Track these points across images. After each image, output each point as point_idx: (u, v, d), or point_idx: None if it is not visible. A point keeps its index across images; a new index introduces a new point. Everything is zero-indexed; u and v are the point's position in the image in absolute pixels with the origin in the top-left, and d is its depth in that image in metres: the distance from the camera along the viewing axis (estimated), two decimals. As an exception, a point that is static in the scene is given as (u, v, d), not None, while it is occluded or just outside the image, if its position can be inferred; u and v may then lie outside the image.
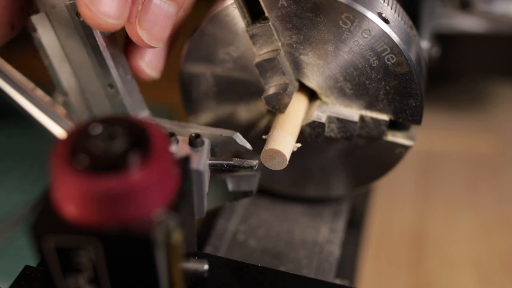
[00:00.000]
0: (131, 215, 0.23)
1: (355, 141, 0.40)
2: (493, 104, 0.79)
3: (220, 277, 0.32)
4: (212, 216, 0.44)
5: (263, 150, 0.35)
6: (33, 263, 0.32)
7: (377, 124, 0.38)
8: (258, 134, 0.41)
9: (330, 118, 0.38)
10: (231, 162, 0.33)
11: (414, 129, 0.39)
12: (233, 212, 0.45)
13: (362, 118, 0.38)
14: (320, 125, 0.38)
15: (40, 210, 0.24)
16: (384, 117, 0.38)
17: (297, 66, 0.37)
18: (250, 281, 0.31)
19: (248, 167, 0.33)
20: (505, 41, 0.65)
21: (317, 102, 0.39)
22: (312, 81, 0.38)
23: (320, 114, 0.38)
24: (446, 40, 0.57)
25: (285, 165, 0.35)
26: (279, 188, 0.45)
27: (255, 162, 0.33)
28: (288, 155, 0.35)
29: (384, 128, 0.38)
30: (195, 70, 0.40)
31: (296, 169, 0.43)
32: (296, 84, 0.38)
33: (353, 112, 0.38)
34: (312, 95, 0.39)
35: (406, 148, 0.39)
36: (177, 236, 0.24)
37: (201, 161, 0.30)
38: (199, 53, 0.39)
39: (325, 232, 0.43)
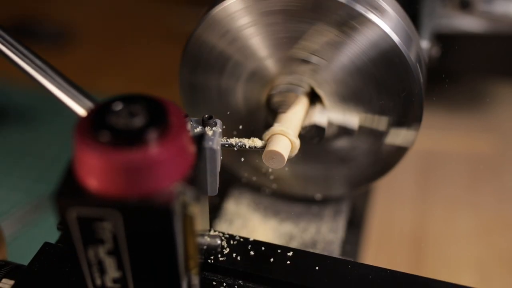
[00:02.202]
0: (151, 187, 0.23)
1: (355, 142, 0.40)
2: (493, 104, 0.79)
3: (232, 252, 0.33)
4: (212, 216, 0.44)
5: (264, 151, 0.35)
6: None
7: (376, 128, 0.38)
8: (258, 132, 0.41)
9: (330, 123, 0.39)
10: (243, 143, 0.35)
11: (415, 128, 0.39)
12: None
13: (362, 122, 0.38)
14: (321, 129, 0.38)
15: (64, 182, 0.24)
16: (384, 121, 0.38)
17: (311, 71, 0.38)
18: (260, 257, 0.33)
19: (259, 148, 0.36)
20: (505, 41, 0.65)
21: (318, 105, 0.39)
22: (320, 86, 0.38)
23: (321, 118, 0.38)
24: (446, 40, 0.57)
25: (283, 164, 0.35)
26: (279, 188, 0.45)
27: (263, 143, 0.36)
28: (286, 156, 0.35)
29: (383, 131, 0.38)
30: (195, 69, 0.40)
31: (296, 169, 0.43)
32: (307, 88, 0.38)
33: (353, 118, 0.38)
34: (313, 97, 0.39)
35: (404, 149, 0.39)
36: (194, 209, 0.25)
37: (215, 140, 0.31)
38: (199, 52, 0.39)
39: (325, 232, 0.43)
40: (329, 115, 0.39)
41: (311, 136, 0.39)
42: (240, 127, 0.42)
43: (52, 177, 0.25)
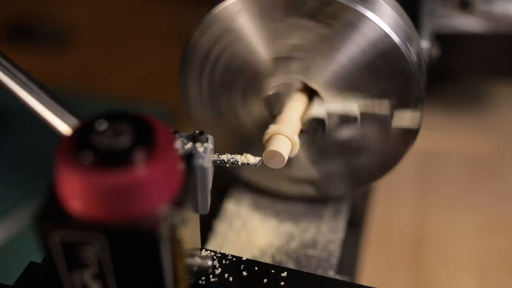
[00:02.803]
0: (137, 210, 0.23)
1: (355, 140, 0.40)
2: (493, 104, 0.79)
3: (224, 272, 0.32)
4: (212, 217, 0.44)
5: (264, 151, 0.35)
6: (37, 260, 0.32)
7: (378, 116, 0.38)
8: (258, 131, 0.41)
9: (330, 114, 0.39)
10: (235, 159, 0.33)
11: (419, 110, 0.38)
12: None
13: (362, 112, 0.38)
14: (320, 121, 0.38)
15: (46, 206, 0.24)
16: (384, 110, 0.38)
17: (301, 66, 0.38)
18: (253, 277, 0.32)
19: (252, 164, 0.34)
20: (505, 41, 0.65)
21: (317, 99, 0.39)
22: (313, 81, 0.38)
23: (319, 111, 0.38)
24: (446, 40, 0.57)
25: (284, 164, 0.35)
26: (280, 188, 0.45)
27: (258, 159, 0.34)
28: (286, 155, 0.35)
29: (387, 116, 0.38)
30: (194, 70, 0.40)
31: (297, 169, 0.43)
32: (299, 85, 0.38)
33: (352, 107, 0.38)
34: (311, 92, 0.39)
35: (412, 132, 0.39)
36: (182, 232, 0.24)
37: (205, 157, 0.30)
38: (199, 53, 0.39)
39: (325, 232, 0.43)
40: (328, 106, 0.39)
41: (313, 130, 0.39)
42: (241, 126, 0.42)
43: (52, 177, 0.25)
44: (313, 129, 0.39)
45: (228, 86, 0.40)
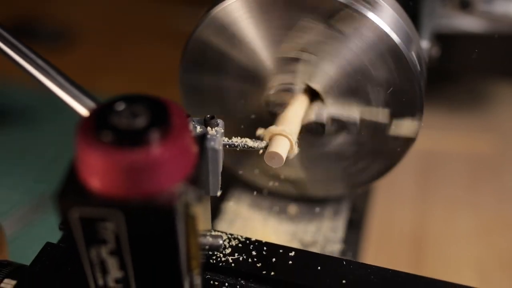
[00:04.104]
0: (153, 187, 0.23)
1: (355, 141, 0.40)
2: (493, 104, 0.79)
3: (234, 252, 0.33)
4: (212, 217, 0.44)
5: (266, 152, 0.35)
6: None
7: (377, 122, 0.38)
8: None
9: (330, 119, 0.39)
10: (245, 143, 0.35)
11: (417, 119, 0.38)
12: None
13: (362, 117, 0.38)
14: (321, 125, 0.38)
15: (66, 183, 0.24)
16: (384, 117, 0.38)
17: (303, 68, 0.38)
18: (262, 257, 0.33)
19: (260, 148, 0.36)
20: (505, 41, 0.65)
21: (318, 102, 0.39)
22: (315, 83, 0.38)
23: (320, 114, 0.38)
24: (446, 40, 0.57)
25: (282, 164, 0.35)
26: (280, 188, 0.45)
27: (265, 143, 0.35)
28: (285, 156, 0.35)
29: (386, 123, 0.38)
30: (194, 69, 0.40)
31: (297, 169, 0.43)
32: (302, 86, 0.39)
33: (353, 112, 0.38)
34: (313, 95, 0.39)
35: (409, 141, 0.39)
36: (196, 209, 0.25)
37: (217, 140, 0.31)
38: (199, 52, 0.39)
39: (325, 232, 0.43)
40: (329, 110, 0.39)
41: (312, 132, 0.39)
42: (242, 126, 0.42)
43: (52, 177, 0.25)
44: (312, 132, 0.39)
45: (229, 86, 0.40)
